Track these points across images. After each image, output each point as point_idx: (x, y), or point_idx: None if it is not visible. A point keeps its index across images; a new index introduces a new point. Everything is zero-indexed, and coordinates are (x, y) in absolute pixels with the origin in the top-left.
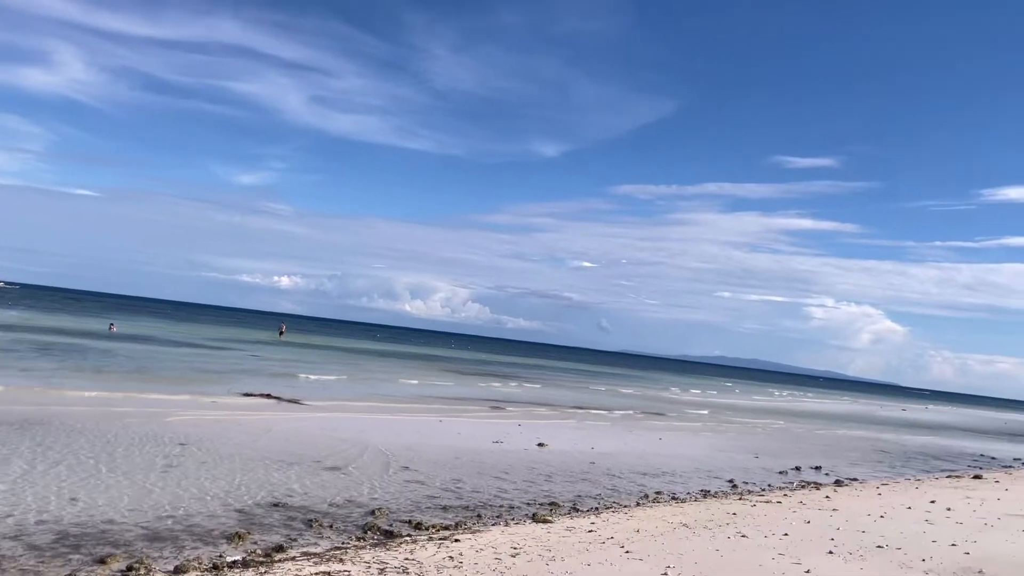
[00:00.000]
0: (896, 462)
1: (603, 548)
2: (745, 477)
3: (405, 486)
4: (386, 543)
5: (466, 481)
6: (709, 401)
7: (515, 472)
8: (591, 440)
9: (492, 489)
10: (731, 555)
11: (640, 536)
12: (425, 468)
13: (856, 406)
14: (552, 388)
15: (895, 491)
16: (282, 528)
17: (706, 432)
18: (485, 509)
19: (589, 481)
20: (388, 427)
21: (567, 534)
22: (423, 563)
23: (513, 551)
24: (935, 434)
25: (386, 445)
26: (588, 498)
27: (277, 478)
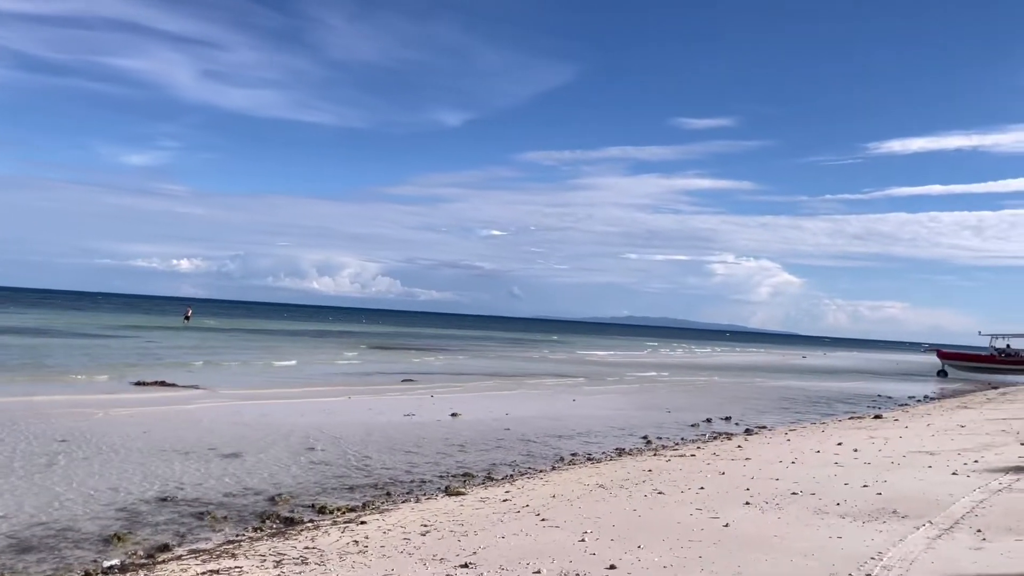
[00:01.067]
0: (801, 407)
1: (518, 517)
2: (659, 432)
3: (310, 468)
4: (286, 532)
5: (375, 458)
6: (625, 360)
7: (427, 445)
8: (506, 407)
9: (403, 464)
10: (649, 514)
11: (556, 502)
12: (332, 448)
13: (759, 356)
14: (464, 357)
15: (803, 436)
16: (170, 525)
17: (618, 390)
18: (395, 486)
19: (504, 448)
20: (294, 408)
21: (481, 506)
22: (325, 551)
23: (423, 529)
24: (834, 378)
25: (290, 427)
26: (503, 466)
27: (167, 471)
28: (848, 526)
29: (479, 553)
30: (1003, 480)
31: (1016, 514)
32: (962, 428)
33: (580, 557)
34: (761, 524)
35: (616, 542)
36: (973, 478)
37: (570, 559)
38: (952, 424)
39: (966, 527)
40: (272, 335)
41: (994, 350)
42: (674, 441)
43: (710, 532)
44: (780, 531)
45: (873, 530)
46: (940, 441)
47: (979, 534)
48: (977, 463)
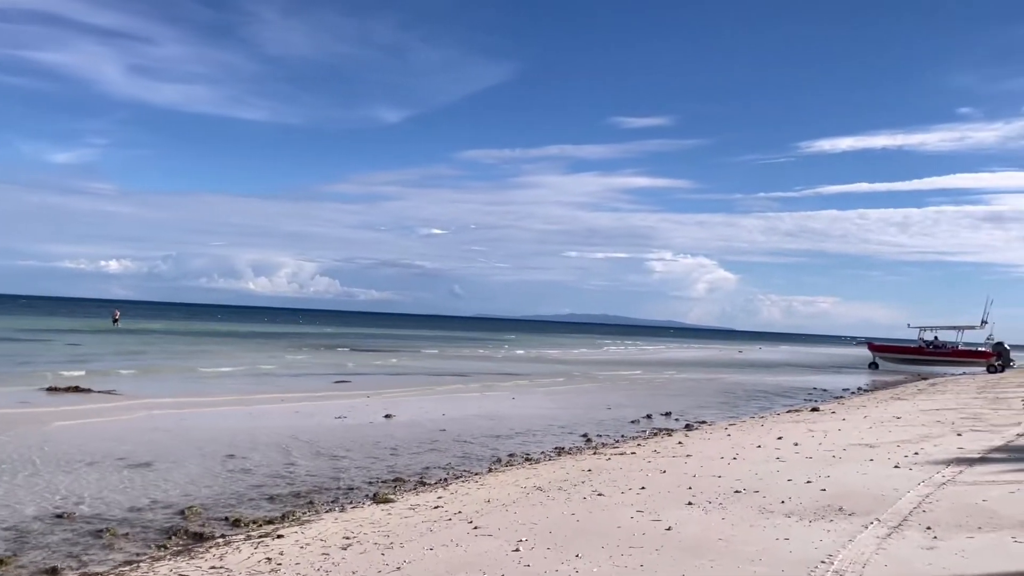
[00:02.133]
0: (740, 402)
1: (449, 526)
2: (599, 430)
3: (228, 477)
4: (192, 549)
5: (301, 464)
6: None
7: (358, 449)
8: (443, 407)
9: (330, 471)
10: (588, 518)
11: (491, 507)
12: (254, 454)
13: (698, 352)
14: (403, 357)
15: (743, 430)
16: (62, 546)
17: (559, 388)
18: (319, 494)
19: (438, 450)
20: (217, 414)
21: (410, 514)
22: (233, 570)
23: (345, 542)
24: (771, 372)
25: (211, 433)
26: (436, 469)
27: (68, 484)
28: (795, 526)
29: (403, 568)
30: (945, 473)
31: (964, 509)
32: (898, 420)
33: (513, 569)
34: (705, 526)
35: (553, 551)
36: (916, 471)
37: (502, 572)
38: (888, 416)
39: (915, 524)
40: (203, 337)
41: (923, 342)
42: (614, 439)
43: (652, 537)
44: (725, 533)
45: (821, 530)
46: (878, 433)
47: (929, 532)
48: (918, 455)
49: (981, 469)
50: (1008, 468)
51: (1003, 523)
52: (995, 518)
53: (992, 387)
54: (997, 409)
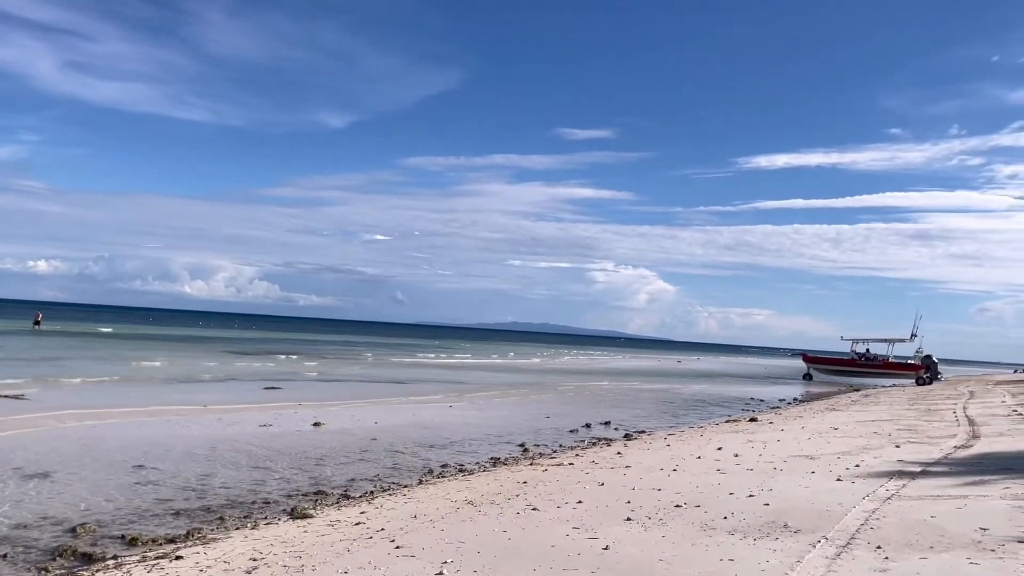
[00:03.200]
0: (678, 411)
1: (369, 545)
2: (537, 439)
3: (133, 490)
4: (76, 573)
5: (216, 476)
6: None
7: (281, 459)
8: (376, 415)
9: (247, 482)
10: (520, 536)
11: (417, 523)
12: (167, 465)
13: (637, 361)
14: (339, 364)
15: (682, 440)
16: None
17: (497, 396)
18: (232, 509)
19: (367, 461)
20: (132, 421)
21: (328, 531)
22: None
23: (251, 564)
24: (709, 382)
25: (123, 442)
26: (363, 481)
27: None
28: (739, 544)
29: None
30: (889, 486)
31: (913, 526)
32: (835, 431)
33: None
34: (644, 545)
35: (479, 574)
36: (859, 484)
37: None
38: (825, 426)
39: (864, 543)
40: (131, 341)
41: (855, 354)
42: (552, 448)
43: (588, 557)
44: (666, 554)
45: (767, 549)
46: (817, 444)
47: (880, 551)
48: (859, 467)
49: (924, 483)
50: (951, 482)
51: (955, 542)
52: (946, 536)
53: (923, 399)
54: (931, 421)
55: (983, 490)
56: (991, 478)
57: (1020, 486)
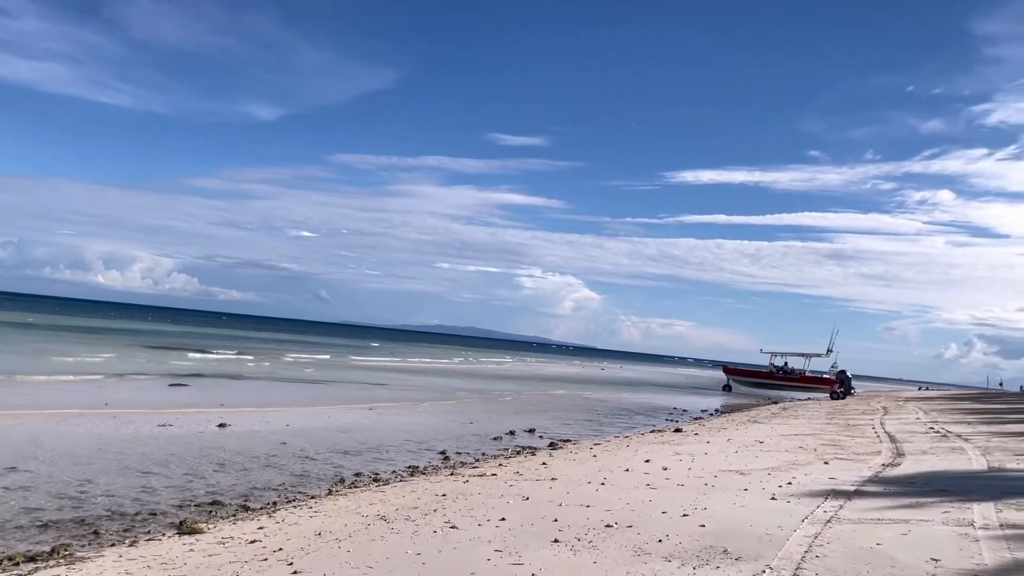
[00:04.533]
0: (604, 419)
1: (263, 569)
2: (459, 446)
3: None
4: None
5: (100, 482)
6: (431, 368)
7: (177, 463)
8: (288, 417)
9: (135, 490)
10: (436, 560)
11: (321, 543)
12: (44, 468)
13: (562, 367)
14: (254, 361)
15: (608, 451)
16: None
17: (419, 400)
18: (112, 521)
19: (274, 467)
20: (13, 418)
21: (218, 550)
22: None
23: None
24: (632, 390)
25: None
26: (267, 490)
27: None
28: (677, 573)
29: None
30: (826, 507)
31: (861, 555)
32: (761, 444)
33: None
34: (575, 572)
35: None
36: (794, 504)
37: None
38: (750, 439)
39: (812, 574)
40: (34, 331)
41: (773, 367)
42: (474, 457)
43: None
44: None
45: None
46: (746, 459)
47: None
48: (791, 485)
49: (861, 504)
50: (888, 504)
51: (906, 573)
52: (897, 567)
53: (839, 413)
54: (853, 436)
55: (923, 513)
56: (927, 500)
57: (958, 510)
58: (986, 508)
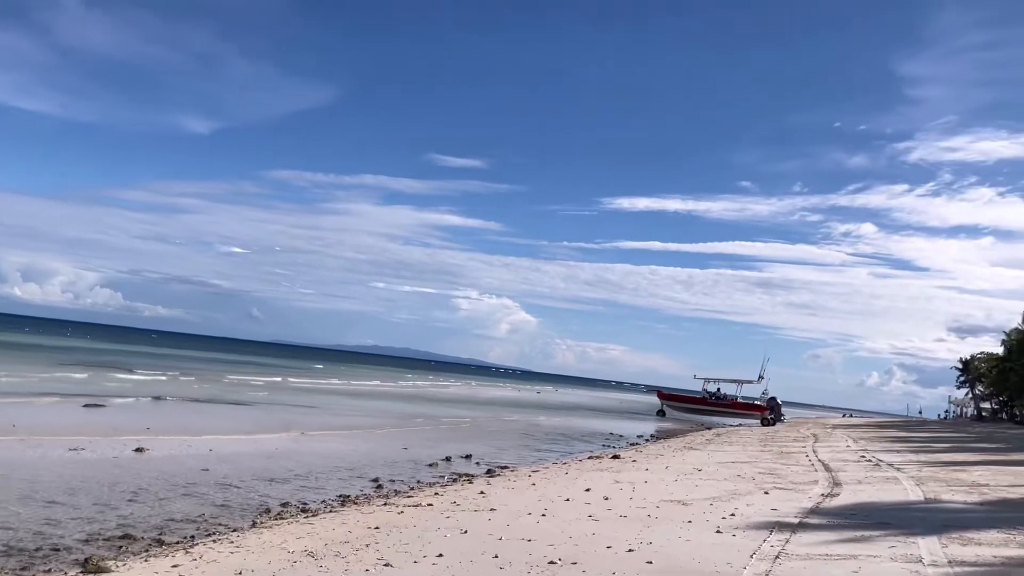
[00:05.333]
0: (541, 445)
1: None
2: (392, 473)
3: None
4: None
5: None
6: (364, 390)
7: (87, 491)
8: (213, 441)
9: (36, 522)
10: None
11: None
12: None
13: (497, 390)
14: (176, 381)
15: (548, 478)
16: None
17: (352, 423)
18: (6, 557)
19: (194, 496)
20: None
21: None
22: None
23: None
24: (568, 414)
25: None
26: (185, 522)
27: None
28: None
29: None
30: (772, 541)
31: None
32: (699, 472)
33: None
34: None
35: None
36: (740, 538)
37: None
38: (688, 467)
39: None
40: None
41: (706, 393)
42: (409, 485)
43: None
44: None
45: None
46: (686, 488)
47: None
48: (734, 516)
49: (806, 538)
50: (833, 538)
51: None
52: None
53: (771, 440)
54: (788, 465)
55: (870, 548)
56: (872, 534)
57: (904, 544)
58: (931, 543)
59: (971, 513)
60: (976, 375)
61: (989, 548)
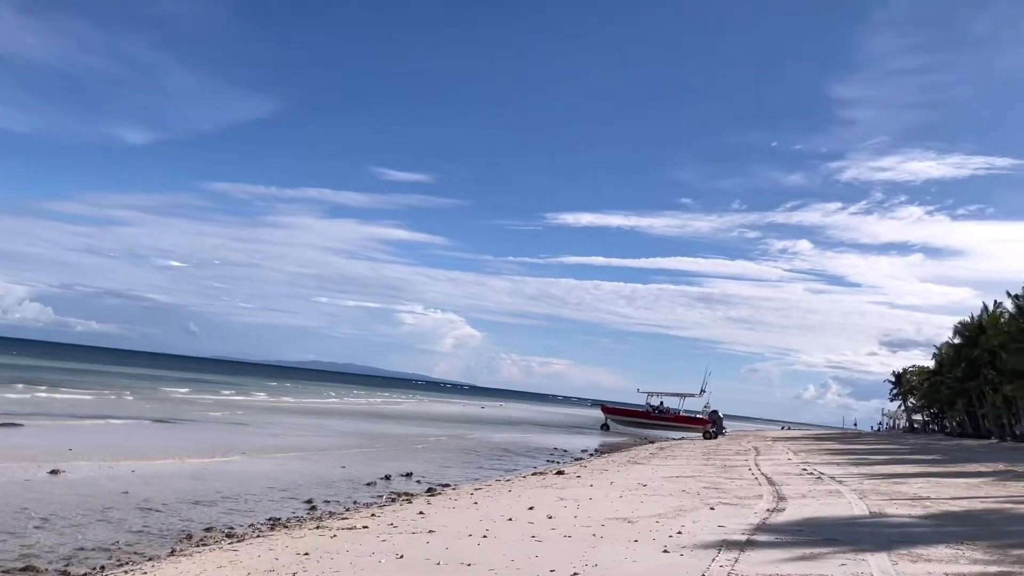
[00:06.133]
0: (484, 461)
1: None
2: (328, 493)
3: None
4: None
5: None
6: (302, 407)
7: None
8: (134, 462)
9: None
10: None
11: None
12: None
13: (441, 406)
14: (103, 399)
15: (490, 496)
16: None
17: (289, 442)
18: None
19: (110, 522)
20: None
21: None
22: None
23: None
24: (512, 429)
25: None
26: (96, 551)
27: None
28: None
29: None
30: (721, 561)
31: None
32: (644, 487)
33: None
34: None
35: None
36: (688, 558)
37: None
38: (633, 482)
39: None
40: None
41: (649, 407)
42: (345, 506)
43: None
44: None
45: None
46: (631, 505)
47: None
48: (681, 535)
49: (755, 556)
50: (783, 556)
51: None
52: None
53: (714, 453)
54: (732, 479)
55: (819, 567)
56: (820, 551)
57: (854, 563)
58: (880, 560)
59: (917, 528)
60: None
61: (939, 564)
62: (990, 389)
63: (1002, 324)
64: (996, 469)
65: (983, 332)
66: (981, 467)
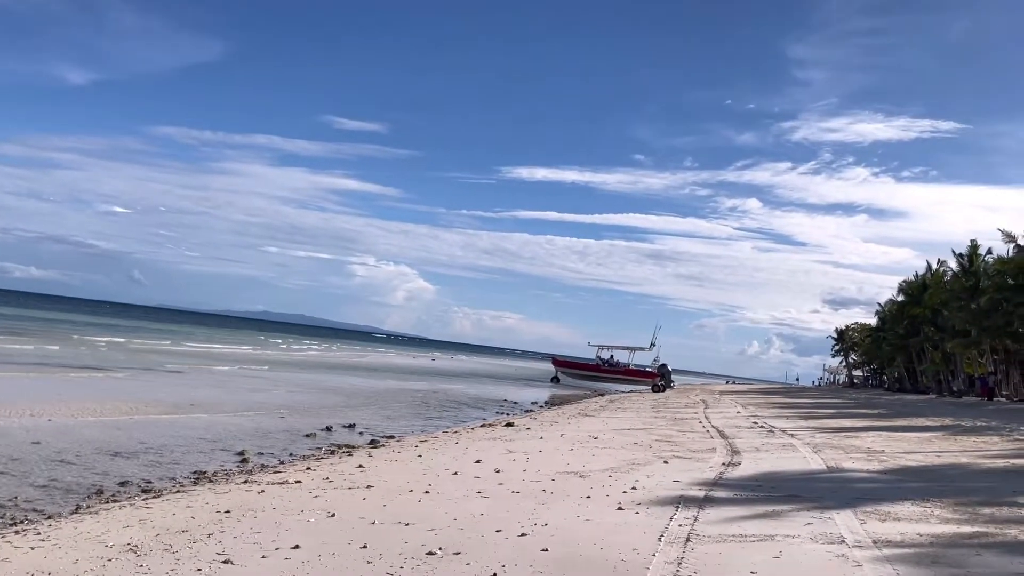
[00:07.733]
0: (432, 413)
1: None
2: (263, 445)
3: None
4: None
5: None
6: (241, 354)
7: None
8: (56, 408)
9: None
10: None
11: None
12: None
13: (392, 357)
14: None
15: (435, 448)
16: None
17: (228, 390)
18: None
19: (12, 475)
20: None
21: None
22: None
23: None
24: (463, 381)
25: None
26: None
27: None
28: None
29: None
30: (680, 520)
31: None
32: (595, 440)
33: None
34: None
35: None
36: (644, 516)
37: None
38: (583, 434)
39: None
40: None
41: (600, 360)
42: (279, 458)
43: None
44: None
45: None
46: (583, 457)
47: None
48: (635, 491)
49: (715, 514)
50: (744, 513)
51: None
52: None
53: (663, 406)
54: (684, 432)
55: (785, 526)
56: (783, 508)
57: (820, 521)
58: (847, 518)
59: (877, 483)
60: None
61: (910, 524)
62: (930, 346)
63: (945, 283)
64: (943, 423)
65: (926, 290)
66: (928, 421)
